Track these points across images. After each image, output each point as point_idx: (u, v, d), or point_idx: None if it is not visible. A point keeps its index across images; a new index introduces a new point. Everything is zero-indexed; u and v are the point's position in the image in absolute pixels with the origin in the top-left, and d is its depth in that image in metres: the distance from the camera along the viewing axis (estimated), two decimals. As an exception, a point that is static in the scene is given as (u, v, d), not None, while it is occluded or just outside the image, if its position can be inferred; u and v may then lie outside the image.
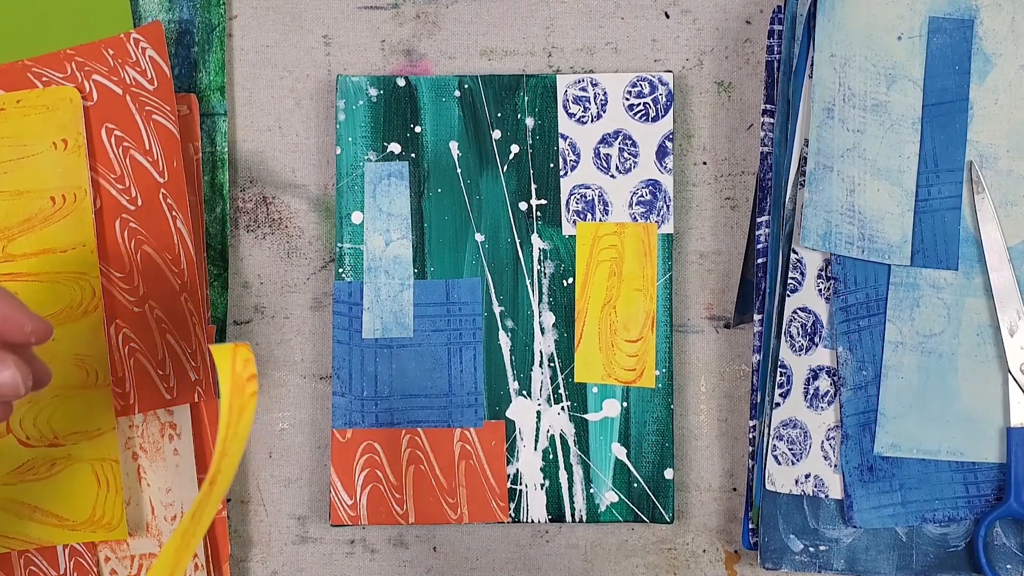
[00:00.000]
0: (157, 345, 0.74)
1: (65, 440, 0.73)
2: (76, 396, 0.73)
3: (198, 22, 0.77)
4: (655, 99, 0.76)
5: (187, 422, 0.74)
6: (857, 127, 0.74)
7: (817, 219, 0.73)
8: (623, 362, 0.75)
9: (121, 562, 0.74)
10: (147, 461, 0.74)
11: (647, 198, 0.76)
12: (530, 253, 0.76)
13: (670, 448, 0.75)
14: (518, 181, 0.76)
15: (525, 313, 0.76)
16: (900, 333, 0.74)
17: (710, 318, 0.78)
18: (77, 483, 0.73)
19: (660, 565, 0.77)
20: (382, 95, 0.76)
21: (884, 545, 0.74)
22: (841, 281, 0.74)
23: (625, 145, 0.76)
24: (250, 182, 0.78)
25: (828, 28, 0.73)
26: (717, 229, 0.78)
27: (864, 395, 0.74)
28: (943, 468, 0.74)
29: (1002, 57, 0.75)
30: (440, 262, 0.76)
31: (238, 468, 0.77)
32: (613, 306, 0.76)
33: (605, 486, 0.75)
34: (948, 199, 0.75)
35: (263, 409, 0.78)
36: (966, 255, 0.75)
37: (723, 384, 0.78)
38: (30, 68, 0.74)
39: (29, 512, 0.73)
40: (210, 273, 0.76)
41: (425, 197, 0.76)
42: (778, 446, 0.73)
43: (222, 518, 0.75)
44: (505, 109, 0.76)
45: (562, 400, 0.76)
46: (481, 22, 0.78)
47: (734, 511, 0.77)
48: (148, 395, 0.74)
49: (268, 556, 0.78)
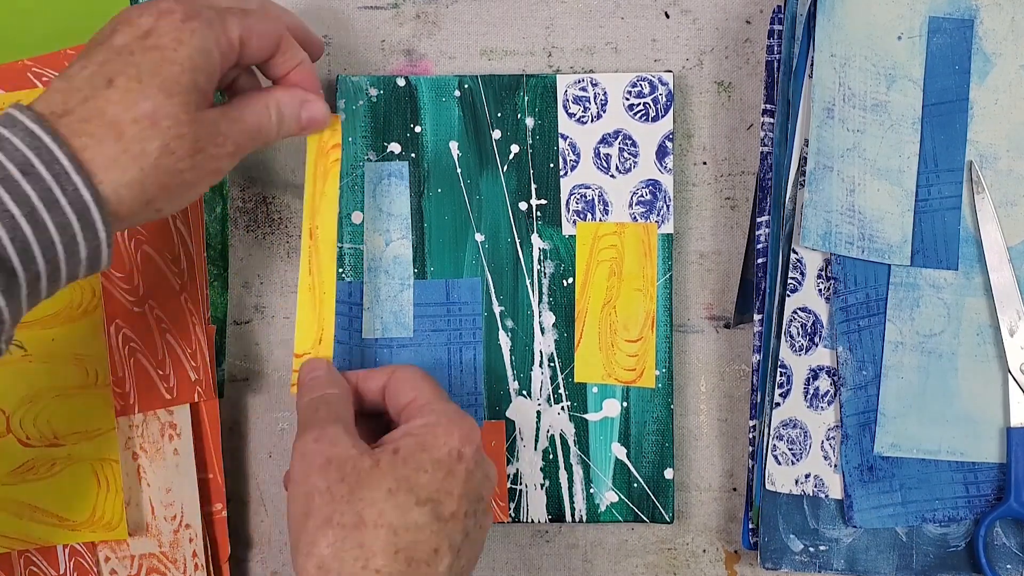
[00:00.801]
0: (157, 345, 0.74)
1: (65, 440, 0.73)
2: (76, 396, 0.73)
3: (198, 22, 0.77)
4: (655, 99, 0.76)
5: (187, 422, 0.74)
6: (857, 127, 0.74)
7: (817, 219, 0.73)
8: (623, 362, 0.76)
9: (121, 562, 0.74)
10: (147, 461, 0.74)
11: (647, 198, 0.76)
12: (530, 253, 0.76)
13: (670, 448, 0.75)
14: (518, 181, 0.76)
15: (525, 313, 0.76)
16: (900, 333, 0.74)
17: (710, 318, 0.78)
18: (77, 483, 0.73)
19: (660, 565, 0.77)
20: (382, 95, 0.76)
21: (884, 545, 0.74)
22: (841, 281, 0.74)
23: (625, 145, 0.76)
24: (250, 182, 0.78)
25: (828, 28, 0.73)
26: (717, 229, 0.78)
27: (864, 395, 0.74)
28: (943, 468, 0.74)
29: (1002, 57, 0.75)
30: (440, 262, 0.76)
31: (241, 469, 0.78)
32: (613, 306, 0.76)
33: (605, 486, 0.75)
34: (948, 199, 0.75)
35: (263, 409, 0.78)
36: (966, 255, 0.75)
37: (723, 384, 0.78)
38: (30, 68, 0.74)
39: (29, 512, 0.73)
40: (210, 273, 0.76)
41: (425, 197, 0.76)
42: (778, 446, 0.73)
43: (222, 518, 0.75)
44: (505, 109, 0.76)
45: (562, 400, 0.76)
46: (481, 22, 0.78)
47: (734, 511, 0.77)
48: (148, 395, 0.74)
49: (268, 556, 0.78)
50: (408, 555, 0.60)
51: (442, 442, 0.63)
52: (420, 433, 0.64)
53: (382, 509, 0.61)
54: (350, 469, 0.62)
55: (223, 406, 0.77)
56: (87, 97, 0.58)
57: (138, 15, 0.60)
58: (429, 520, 0.61)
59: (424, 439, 0.63)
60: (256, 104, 0.65)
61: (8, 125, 0.57)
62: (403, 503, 0.61)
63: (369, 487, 0.61)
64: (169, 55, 0.59)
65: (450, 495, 0.62)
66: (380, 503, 0.61)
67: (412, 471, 0.62)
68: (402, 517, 0.61)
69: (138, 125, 0.58)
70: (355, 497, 0.61)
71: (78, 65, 0.59)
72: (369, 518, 0.60)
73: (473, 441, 0.64)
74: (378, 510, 0.61)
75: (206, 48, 0.60)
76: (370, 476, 0.62)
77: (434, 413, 0.65)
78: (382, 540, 0.60)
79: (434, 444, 0.63)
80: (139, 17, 0.60)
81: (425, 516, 0.61)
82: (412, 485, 0.61)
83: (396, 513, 0.61)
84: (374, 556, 0.60)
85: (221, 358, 0.77)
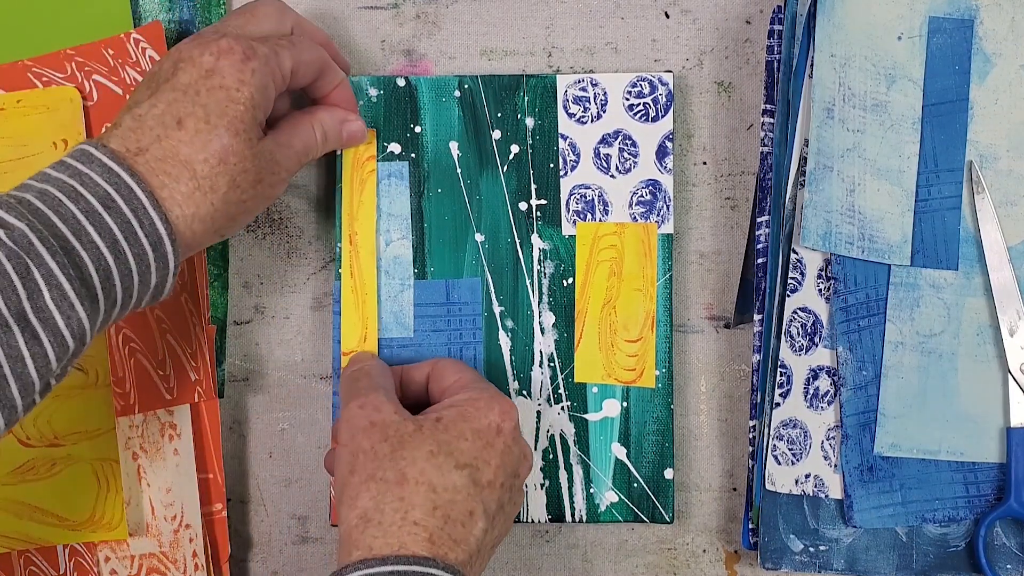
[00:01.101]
0: (157, 345, 0.74)
1: (65, 440, 0.73)
2: (76, 396, 0.73)
3: (198, 22, 0.77)
4: (655, 99, 0.76)
5: (187, 422, 0.74)
6: (857, 127, 0.74)
7: (817, 219, 0.73)
8: (623, 362, 0.75)
9: (121, 562, 0.74)
10: (147, 461, 0.74)
11: (647, 198, 0.76)
12: (530, 253, 0.76)
13: (670, 448, 0.75)
14: (518, 181, 0.76)
15: (525, 313, 0.76)
16: (900, 333, 0.74)
17: (710, 318, 0.78)
18: (77, 483, 0.73)
19: (660, 565, 0.77)
20: (382, 95, 0.76)
21: (884, 545, 0.74)
22: (841, 281, 0.74)
23: (625, 145, 0.76)
24: (250, 182, 0.78)
25: (828, 28, 0.73)
26: (717, 229, 0.78)
27: (864, 395, 0.74)
28: (943, 468, 0.74)
29: (1002, 57, 0.75)
30: (440, 262, 0.76)
31: (241, 469, 0.78)
32: (613, 306, 0.76)
33: (605, 486, 0.75)
34: (948, 199, 0.75)
35: (263, 409, 0.78)
36: (966, 255, 0.75)
37: (723, 384, 0.78)
38: (30, 68, 0.74)
39: (29, 512, 0.73)
40: (210, 273, 0.76)
41: (425, 197, 0.76)
42: (778, 446, 0.73)
43: (222, 518, 0.75)
44: (505, 109, 0.76)
45: (562, 400, 0.76)
46: (481, 22, 0.78)
47: (734, 511, 0.77)
48: (148, 395, 0.74)
49: (268, 556, 0.78)
50: (445, 512, 0.63)
51: (483, 415, 0.66)
52: (462, 404, 0.67)
53: (423, 468, 0.64)
54: (393, 432, 0.65)
55: (223, 406, 0.77)
56: (159, 136, 0.62)
57: (199, 54, 0.64)
58: (467, 483, 0.64)
59: (466, 410, 0.67)
60: (303, 128, 0.70)
61: (85, 161, 0.61)
62: (443, 464, 0.64)
63: (411, 447, 0.64)
64: (233, 95, 0.64)
65: (488, 464, 0.65)
66: (421, 462, 0.64)
67: (453, 437, 0.65)
68: (441, 477, 0.63)
69: (208, 164, 0.63)
70: (397, 456, 0.64)
71: (147, 104, 0.63)
72: (411, 475, 0.63)
73: (512, 418, 0.67)
74: (419, 468, 0.63)
75: (265, 86, 0.65)
76: (412, 438, 0.65)
77: (476, 390, 0.69)
78: (421, 495, 0.63)
79: (475, 415, 0.66)
80: (200, 56, 0.64)
81: (463, 479, 0.64)
82: (452, 449, 0.64)
83: (436, 472, 0.64)
84: (413, 509, 0.62)
85: (221, 358, 0.77)
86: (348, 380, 0.70)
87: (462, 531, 0.63)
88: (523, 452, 0.68)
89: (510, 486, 0.66)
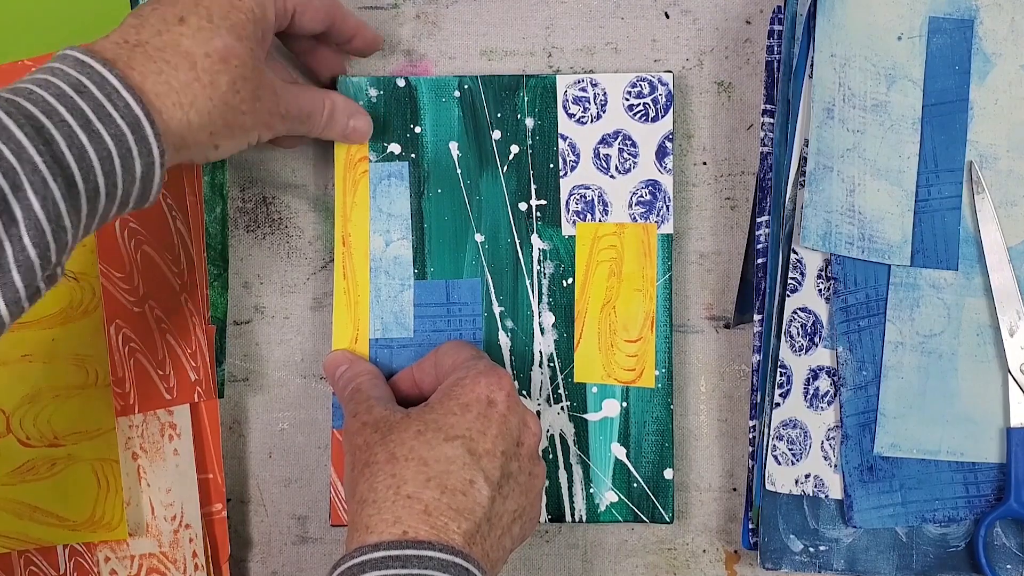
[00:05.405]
0: (157, 345, 0.74)
1: (65, 440, 0.73)
2: (76, 396, 0.73)
3: (198, 22, 0.77)
4: (655, 99, 0.76)
5: (187, 422, 0.74)
6: (857, 127, 0.74)
7: (817, 219, 0.73)
8: (623, 362, 0.76)
9: (121, 562, 0.74)
10: (147, 461, 0.74)
11: (647, 198, 0.76)
12: (530, 253, 0.76)
13: (670, 448, 0.75)
14: (518, 181, 0.76)
15: (525, 313, 0.76)
16: (900, 333, 0.74)
17: (710, 318, 0.78)
18: (77, 483, 0.73)
19: (660, 565, 0.77)
20: (382, 95, 0.76)
21: (884, 545, 0.74)
22: (841, 281, 0.74)
23: (625, 145, 0.76)
24: (250, 182, 0.78)
25: (828, 28, 0.73)
26: (717, 229, 0.78)
27: (864, 395, 0.74)
28: (943, 468, 0.74)
29: (1002, 57, 0.75)
30: (440, 262, 0.76)
31: (241, 469, 0.78)
32: (613, 306, 0.76)
33: (605, 486, 0.75)
34: (948, 199, 0.75)
35: (263, 409, 0.78)
36: (966, 255, 0.75)
37: (723, 384, 0.78)
38: (30, 68, 0.74)
39: (29, 512, 0.73)
40: (210, 273, 0.76)
41: (425, 197, 0.76)
42: (778, 446, 0.73)
43: (222, 518, 0.75)
44: (505, 109, 0.76)
45: (562, 400, 0.76)
46: (481, 22, 0.78)
47: (734, 511, 0.77)
48: (148, 395, 0.74)
49: (268, 556, 0.78)
50: (441, 483, 0.63)
51: (468, 390, 0.67)
52: (448, 386, 0.68)
53: (412, 446, 0.64)
54: (383, 423, 0.67)
55: (223, 406, 0.77)
56: (160, 31, 0.62)
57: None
58: (461, 453, 0.64)
59: (451, 390, 0.67)
60: (315, 94, 0.71)
61: (60, 58, 0.61)
62: (431, 439, 0.64)
63: (399, 431, 0.65)
64: (236, 3, 0.65)
65: (483, 434, 0.65)
66: (410, 441, 0.64)
67: (440, 415, 0.66)
68: (431, 451, 0.64)
69: (210, 59, 0.63)
70: (387, 440, 0.65)
71: (148, 7, 0.64)
72: (399, 454, 0.64)
73: (503, 388, 0.67)
74: (408, 447, 0.64)
75: (265, 4, 0.66)
76: (400, 423, 0.66)
77: (464, 369, 0.69)
78: (412, 470, 0.63)
79: (460, 392, 0.67)
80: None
81: (456, 450, 0.64)
82: (441, 425, 0.65)
83: (425, 447, 0.64)
84: (404, 483, 0.63)
85: (221, 358, 0.77)
86: (344, 401, 0.72)
87: (463, 500, 0.63)
88: (523, 420, 0.67)
89: (514, 454, 0.66)
